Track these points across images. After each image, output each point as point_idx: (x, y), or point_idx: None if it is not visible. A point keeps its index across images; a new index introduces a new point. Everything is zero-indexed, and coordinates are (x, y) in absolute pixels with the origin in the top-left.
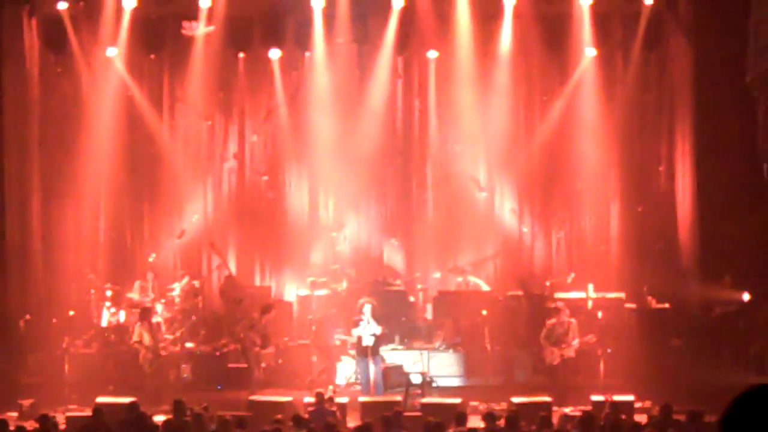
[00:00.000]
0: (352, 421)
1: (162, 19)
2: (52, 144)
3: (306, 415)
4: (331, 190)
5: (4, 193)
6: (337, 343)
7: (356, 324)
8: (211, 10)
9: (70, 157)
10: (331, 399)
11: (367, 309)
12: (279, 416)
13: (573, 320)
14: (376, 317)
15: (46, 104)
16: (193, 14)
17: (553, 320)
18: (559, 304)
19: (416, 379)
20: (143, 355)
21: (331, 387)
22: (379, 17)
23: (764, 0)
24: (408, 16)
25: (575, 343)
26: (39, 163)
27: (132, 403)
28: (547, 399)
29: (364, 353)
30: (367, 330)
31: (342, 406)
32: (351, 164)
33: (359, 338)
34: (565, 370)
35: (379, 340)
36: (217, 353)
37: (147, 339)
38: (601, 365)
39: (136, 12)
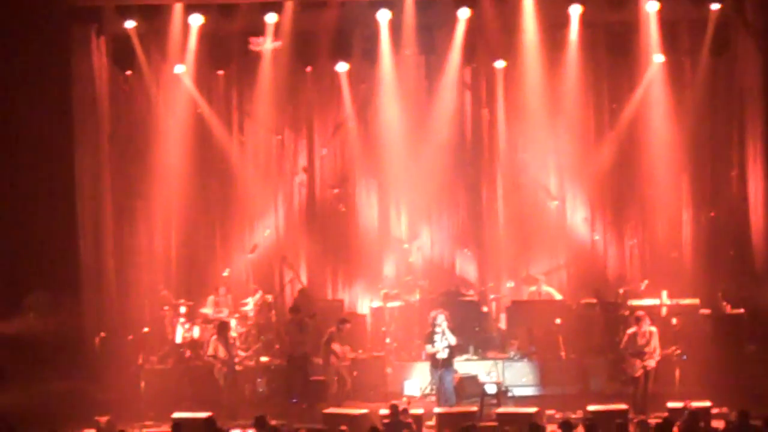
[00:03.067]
0: None
1: (229, 36)
2: (124, 163)
3: (381, 428)
4: (403, 201)
5: (77, 212)
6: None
7: (430, 336)
8: (277, 25)
9: (141, 176)
10: (405, 411)
11: (441, 320)
12: (344, 428)
13: (654, 329)
14: (451, 328)
15: (116, 123)
16: (259, 30)
17: (633, 329)
18: (640, 313)
19: (491, 389)
20: (218, 369)
21: (405, 398)
22: (446, 28)
23: None
24: (474, 26)
25: (657, 354)
26: (111, 183)
27: (209, 418)
28: (624, 407)
29: (439, 365)
30: (442, 342)
31: (417, 418)
32: (421, 175)
33: (434, 351)
34: (647, 380)
35: (454, 351)
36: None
37: (222, 353)
38: (678, 372)
39: (203, 29)
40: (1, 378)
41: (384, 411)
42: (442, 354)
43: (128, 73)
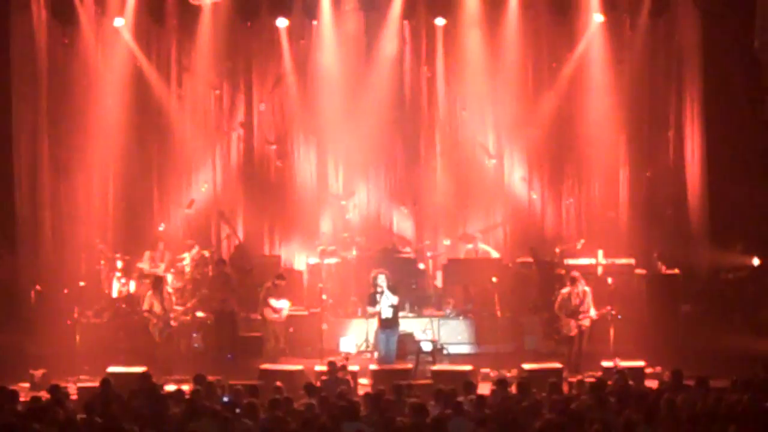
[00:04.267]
0: (363, 389)
1: None
2: (61, 116)
3: (318, 384)
4: (340, 158)
5: (13, 165)
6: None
7: (372, 297)
8: None
9: (78, 129)
10: (344, 367)
11: (382, 280)
12: (279, 383)
13: (588, 289)
14: (391, 287)
15: (55, 77)
16: None
17: (567, 289)
18: (575, 273)
19: (427, 347)
20: (153, 324)
21: (343, 355)
22: None
23: None
24: None
25: (592, 313)
26: (48, 136)
27: (144, 373)
28: (558, 366)
29: (386, 325)
30: (385, 302)
31: (353, 374)
32: (359, 132)
33: (379, 311)
34: (582, 340)
35: (397, 310)
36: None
37: (158, 308)
38: (612, 332)
39: None
40: None
41: (320, 367)
42: (386, 313)
43: (67, 26)
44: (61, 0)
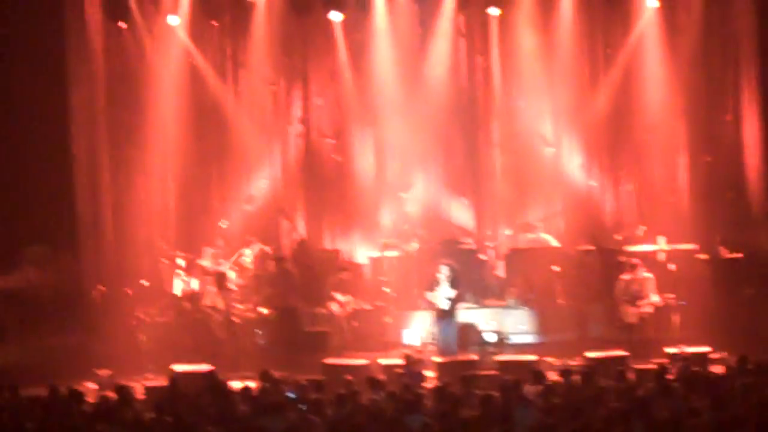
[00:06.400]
0: (429, 382)
1: None
2: (119, 116)
3: (383, 377)
4: (398, 150)
5: (73, 166)
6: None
7: (432, 286)
8: None
9: (136, 128)
10: (420, 360)
11: (444, 271)
12: (349, 377)
13: (651, 275)
14: (452, 280)
15: (111, 77)
16: None
17: (628, 276)
18: (635, 260)
19: (491, 338)
20: (216, 320)
21: (418, 347)
22: None
23: None
24: None
25: (654, 299)
26: (107, 136)
27: (210, 372)
28: (623, 353)
29: (441, 316)
30: (442, 293)
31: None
32: (416, 124)
33: (434, 301)
34: (643, 326)
35: (455, 303)
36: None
37: (220, 304)
38: (677, 318)
39: None
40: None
41: (386, 361)
42: (442, 304)
43: (121, 24)
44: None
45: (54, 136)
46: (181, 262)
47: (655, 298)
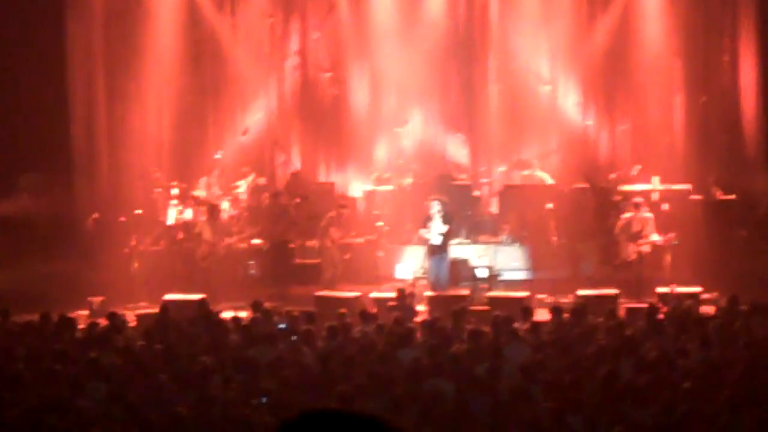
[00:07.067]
0: (420, 316)
1: None
2: (115, 46)
3: (374, 310)
4: (394, 85)
5: (68, 95)
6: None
7: (425, 221)
8: None
9: (133, 58)
10: (412, 294)
11: (435, 206)
12: (344, 310)
13: (651, 215)
14: (444, 215)
15: (108, 8)
16: None
17: (630, 215)
18: (638, 199)
19: (483, 274)
20: (203, 250)
21: (410, 281)
22: None
23: None
24: None
25: (655, 238)
26: (103, 67)
27: (201, 300)
28: (614, 291)
29: (433, 252)
30: (435, 228)
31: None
32: (413, 59)
33: (427, 237)
34: (641, 265)
35: (447, 238)
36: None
37: (208, 234)
38: (669, 258)
39: None
40: None
41: (377, 294)
42: (435, 240)
43: None
44: None
45: (50, 67)
46: (175, 191)
47: (655, 238)
